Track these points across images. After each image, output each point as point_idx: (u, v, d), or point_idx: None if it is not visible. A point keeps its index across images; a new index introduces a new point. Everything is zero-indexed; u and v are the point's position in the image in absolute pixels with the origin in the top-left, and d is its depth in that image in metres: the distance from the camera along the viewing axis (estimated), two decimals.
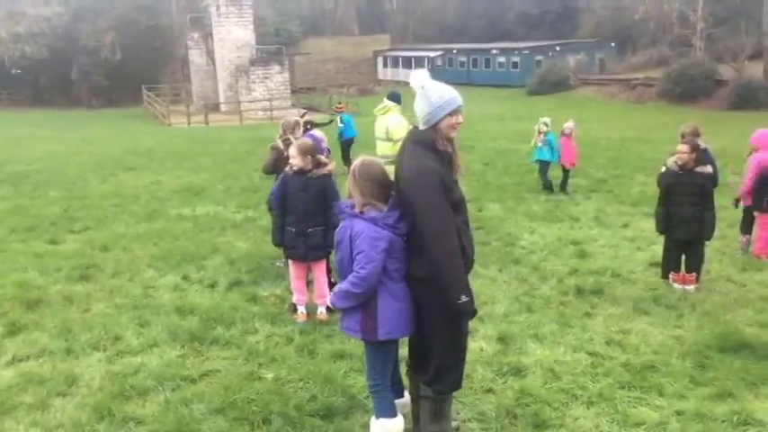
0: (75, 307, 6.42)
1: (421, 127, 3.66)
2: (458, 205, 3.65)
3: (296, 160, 5.78)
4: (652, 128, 24.14)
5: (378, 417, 3.97)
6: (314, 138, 7.02)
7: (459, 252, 3.57)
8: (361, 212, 3.68)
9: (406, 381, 4.23)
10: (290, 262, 6.25)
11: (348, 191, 3.79)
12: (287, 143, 7.25)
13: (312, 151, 5.84)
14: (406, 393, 4.23)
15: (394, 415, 3.97)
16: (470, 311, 3.63)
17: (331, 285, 6.03)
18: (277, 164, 7.32)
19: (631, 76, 41.77)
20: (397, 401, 4.08)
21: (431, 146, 3.59)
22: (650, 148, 18.09)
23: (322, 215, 5.82)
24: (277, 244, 6.31)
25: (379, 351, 3.89)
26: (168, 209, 11.25)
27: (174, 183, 14.08)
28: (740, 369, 4.94)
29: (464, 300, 3.54)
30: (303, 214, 5.84)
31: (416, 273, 3.65)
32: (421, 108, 3.63)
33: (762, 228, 7.98)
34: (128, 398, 4.63)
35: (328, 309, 6.01)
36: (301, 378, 4.87)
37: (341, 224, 3.85)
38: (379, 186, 3.70)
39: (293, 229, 5.90)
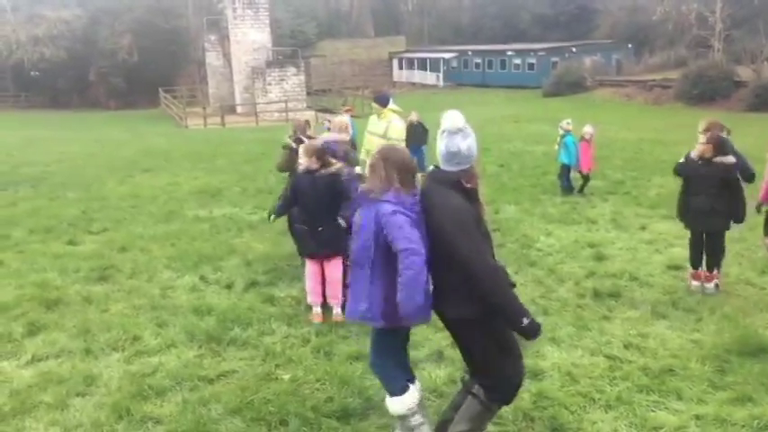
0: (93, 307, 6.48)
1: (462, 167, 3.64)
2: (486, 239, 3.69)
3: (302, 160, 6.05)
4: (669, 129, 23.94)
5: (392, 395, 3.97)
6: (329, 141, 7.13)
7: (506, 279, 3.64)
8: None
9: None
10: (306, 261, 6.31)
11: (369, 177, 3.78)
12: (299, 142, 7.40)
13: (317, 152, 6.01)
14: (417, 382, 4.15)
15: (406, 389, 3.95)
16: (536, 330, 3.61)
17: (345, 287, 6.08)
18: (290, 162, 7.44)
19: (648, 78, 41.43)
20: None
21: (457, 185, 3.63)
22: (667, 149, 17.94)
23: (332, 213, 5.93)
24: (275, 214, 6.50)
25: (395, 335, 3.89)
26: (185, 210, 11.32)
27: (191, 184, 14.16)
28: (760, 373, 4.89)
29: (526, 322, 3.56)
30: (313, 212, 6.02)
31: (463, 313, 3.62)
32: (469, 147, 3.64)
33: None
34: (146, 398, 4.66)
35: (343, 308, 6.04)
36: (318, 379, 4.88)
37: (358, 212, 3.81)
38: (403, 170, 3.70)
39: (305, 227, 6.10)
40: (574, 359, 5.21)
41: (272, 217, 6.52)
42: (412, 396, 3.96)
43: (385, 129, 7.62)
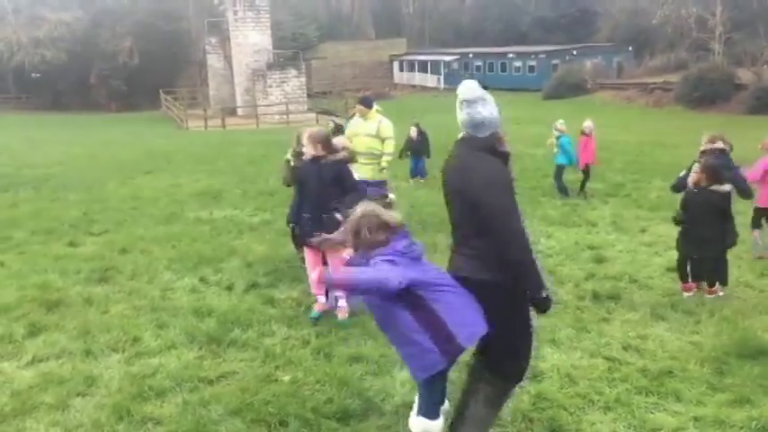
0: (94, 308, 6.48)
1: (486, 133, 3.69)
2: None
3: (306, 149, 5.94)
4: (670, 132, 23.98)
5: (427, 415, 3.82)
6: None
7: (532, 250, 3.65)
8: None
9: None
10: (305, 251, 6.23)
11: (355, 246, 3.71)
12: (299, 156, 7.42)
13: (322, 140, 5.91)
14: (447, 402, 4.07)
15: (438, 416, 3.87)
16: (549, 304, 3.68)
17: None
18: (293, 178, 7.44)
19: (649, 81, 41.44)
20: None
21: (492, 150, 3.67)
22: (668, 152, 17.99)
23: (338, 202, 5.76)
24: (292, 222, 6.48)
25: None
26: (186, 212, 11.33)
27: (192, 186, 14.18)
28: (759, 375, 4.90)
29: (544, 294, 3.61)
30: (318, 200, 5.87)
31: (488, 277, 3.59)
32: (492, 113, 3.70)
33: None
34: (146, 399, 4.67)
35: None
36: (318, 381, 4.89)
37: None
38: (378, 232, 3.63)
39: (308, 215, 5.96)
40: (573, 361, 5.22)
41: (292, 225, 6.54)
42: (440, 425, 3.87)
43: (376, 129, 8.10)
